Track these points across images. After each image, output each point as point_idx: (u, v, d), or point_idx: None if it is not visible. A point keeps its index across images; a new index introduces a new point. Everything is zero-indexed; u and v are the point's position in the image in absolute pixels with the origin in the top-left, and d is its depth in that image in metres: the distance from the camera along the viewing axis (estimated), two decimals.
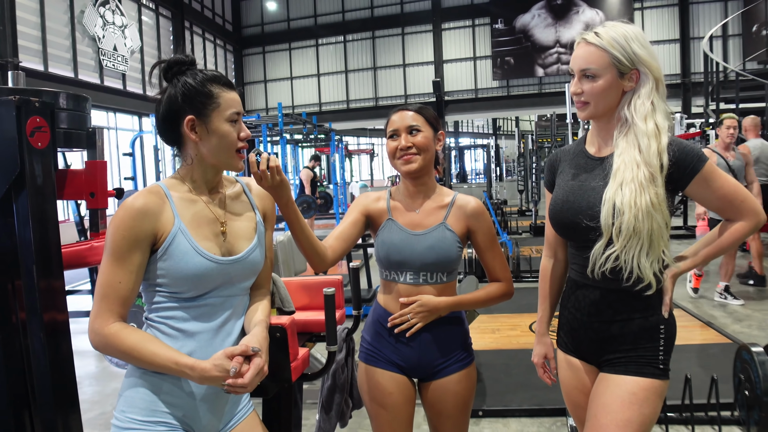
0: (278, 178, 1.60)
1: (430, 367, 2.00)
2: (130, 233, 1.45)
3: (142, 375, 1.50)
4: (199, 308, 1.53)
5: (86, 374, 4.93)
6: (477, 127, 38.00)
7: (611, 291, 1.75)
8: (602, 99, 1.72)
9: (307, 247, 1.81)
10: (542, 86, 23.25)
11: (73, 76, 15.60)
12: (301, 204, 10.67)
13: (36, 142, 1.72)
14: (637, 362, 1.72)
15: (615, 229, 1.64)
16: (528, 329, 5.57)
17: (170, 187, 1.57)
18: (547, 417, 3.72)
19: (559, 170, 1.91)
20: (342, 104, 25.32)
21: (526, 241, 11.48)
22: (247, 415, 1.68)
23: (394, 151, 1.96)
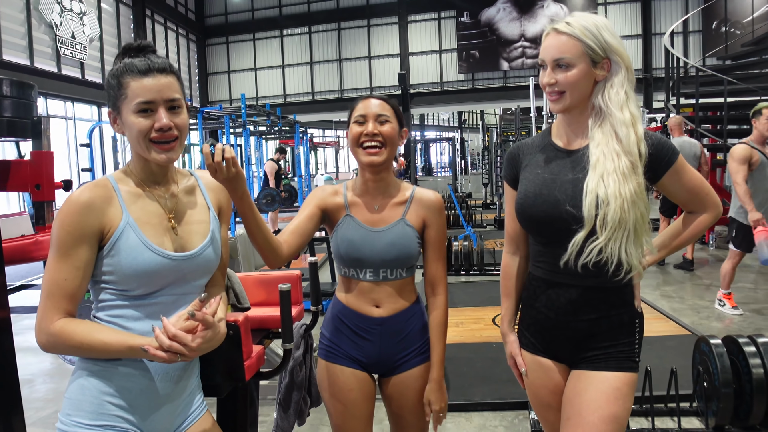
0: (233, 170, 1.50)
1: (390, 362, 1.97)
2: (75, 228, 1.38)
3: (88, 375, 1.43)
4: (149, 307, 1.46)
5: (40, 371, 4.79)
6: (443, 120, 38.13)
7: (589, 288, 1.73)
8: (576, 88, 1.69)
9: (262, 242, 1.73)
10: (507, 80, 23.39)
11: (28, 64, 15.13)
12: (265, 197, 10.52)
13: None
14: (617, 357, 1.73)
15: (599, 220, 1.62)
16: (492, 322, 5.59)
17: (118, 180, 1.49)
18: (510, 411, 3.73)
19: (524, 164, 1.86)
20: (307, 96, 25.12)
21: (490, 234, 11.56)
22: (200, 416, 1.62)
23: (359, 136, 1.89)
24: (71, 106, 16.90)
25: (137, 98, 1.42)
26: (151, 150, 1.45)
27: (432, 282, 2.02)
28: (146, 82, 1.43)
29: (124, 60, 1.47)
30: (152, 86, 1.43)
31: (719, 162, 9.54)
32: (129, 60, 1.46)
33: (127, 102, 1.43)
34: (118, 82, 1.44)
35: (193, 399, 1.61)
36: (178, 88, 1.49)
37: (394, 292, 1.94)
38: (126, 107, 1.43)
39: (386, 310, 1.94)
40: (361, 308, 1.94)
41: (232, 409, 1.86)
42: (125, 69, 1.44)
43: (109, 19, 19.15)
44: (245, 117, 10.19)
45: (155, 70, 1.44)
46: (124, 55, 1.49)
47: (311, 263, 2.16)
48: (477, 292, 6.96)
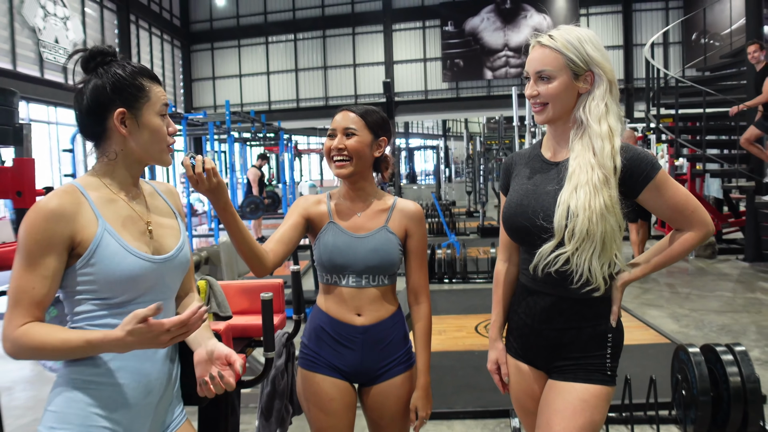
0: (215, 180, 1.53)
1: (372, 371, 1.98)
2: (43, 237, 1.35)
3: (74, 387, 1.41)
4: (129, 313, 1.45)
5: (20, 378, 4.74)
6: (427, 128, 38.24)
7: (563, 299, 1.75)
8: (558, 100, 1.71)
9: (247, 251, 1.75)
10: (491, 89, 23.53)
11: (11, 68, 14.99)
12: (248, 205, 10.50)
13: None
14: (586, 369, 1.74)
15: (568, 231, 1.64)
16: (474, 330, 5.60)
17: (86, 186, 1.46)
18: (492, 419, 3.74)
19: (514, 174, 1.90)
20: (292, 103, 25.10)
21: (473, 242, 11.59)
22: (180, 424, 1.61)
23: (329, 150, 1.95)
24: (54, 111, 16.74)
25: (161, 101, 1.50)
26: (166, 153, 1.53)
27: (415, 290, 2.05)
28: (161, 90, 1.52)
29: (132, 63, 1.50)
30: (163, 92, 1.53)
31: (699, 172, 9.66)
32: (139, 65, 1.51)
33: (151, 105, 1.48)
34: (140, 83, 1.48)
35: (173, 407, 1.61)
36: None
37: (375, 299, 1.96)
38: (149, 109, 1.48)
39: (368, 318, 1.96)
40: (343, 317, 1.95)
41: (214, 417, 1.86)
42: (141, 72, 1.49)
43: (93, 24, 19.03)
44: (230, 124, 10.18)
45: (159, 79, 1.54)
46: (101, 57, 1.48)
47: (294, 272, 2.16)
48: (460, 300, 6.98)
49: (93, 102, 1.46)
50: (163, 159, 1.53)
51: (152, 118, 1.48)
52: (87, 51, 1.49)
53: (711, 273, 8.14)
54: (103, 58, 1.49)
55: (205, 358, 1.47)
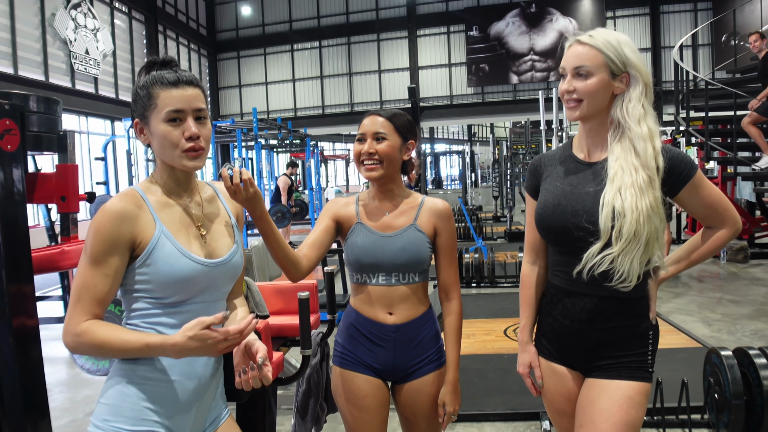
0: (251, 190, 1.57)
1: (404, 369, 2.01)
2: (108, 237, 1.42)
3: (128, 382, 1.46)
4: (183, 314, 1.51)
5: (57, 381, 4.84)
6: (452, 133, 38.20)
7: (604, 299, 1.76)
8: (594, 98, 1.73)
9: (283, 258, 1.80)
10: (516, 93, 23.44)
11: (44, 80, 15.32)
12: (275, 214, 10.60)
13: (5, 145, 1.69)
14: (629, 367, 1.76)
15: (615, 232, 1.66)
16: (503, 334, 5.60)
17: (146, 190, 1.54)
18: (521, 421, 3.74)
19: (544, 175, 1.91)
20: (317, 110, 25.26)
21: (501, 246, 11.56)
22: (224, 420, 1.67)
23: (359, 154, 1.99)
24: (85, 121, 17.08)
25: (167, 107, 1.47)
26: (182, 159, 1.50)
27: (445, 288, 2.08)
28: (175, 93, 1.48)
29: (152, 72, 1.52)
30: (181, 96, 1.48)
31: (730, 175, 9.51)
32: (157, 72, 1.51)
33: (157, 111, 1.48)
34: (147, 92, 1.49)
35: (217, 404, 1.66)
36: (203, 99, 1.54)
37: (406, 297, 1.99)
38: (155, 117, 1.48)
39: (400, 317, 1.99)
40: (376, 316, 1.99)
41: (251, 414, 1.90)
42: (154, 80, 1.49)
43: (122, 35, 19.39)
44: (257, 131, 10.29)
45: (183, 81, 1.50)
46: (149, 68, 1.55)
47: (327, 273, 2.21)
48: (488, 304, 6.98)
49: (131, 114, 1.55)
50: (182, 164, 1.51)
51: (157, 126, 1.48)
52: (144, 64, 1.56)
53: (743, 277, 8.02)
54: (149, 69, 1.55)
55: (242, 348, 1.52)
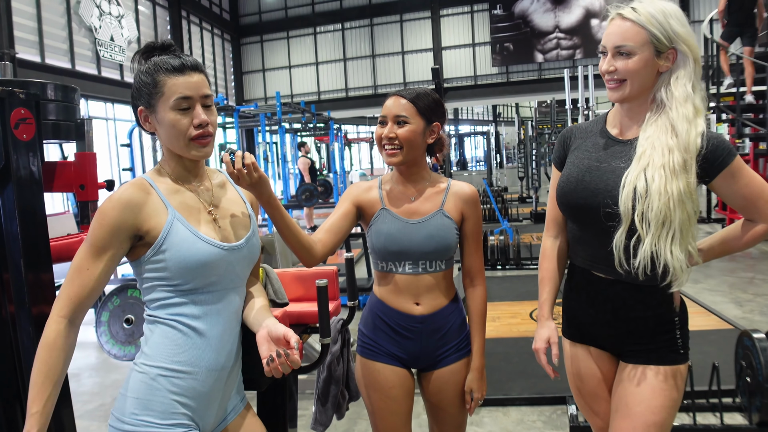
0: (256, 175, 1.52)
1: (431, 358, 1.98)
2: (111, 224, 1.41)
3: (157, 375, 1.45)
4: (204, 302, 1.49)
5: (86, 366, 4.92)
6: (477, 114, 37.90)
7: (625, 286, 1.71)
8: (638, 78, 1.62)
9: (294, 242, 1.75)
10: (542, 72, 23.12)
11: (70, 67, 15.50)
12: (303, 193, 10.62)
13: (21, 134, 1.69)
14: (658, 352, 1.72)
15: (637, 215, 1.58)
16: (528, 317, 5.55)
17: (154, 178, 1.51)
18: (548, 405, 3.71)
19: (573, 147, 1.83)
20: (341, 93, 25.22)
21: (526, 228, 11.46)
22: (242, 408, 1.65)
23: (380, 138, 1.91)
24: (111, 108, 17.25)
25: (176, 94, 1.44)
26: (191, 147, 1.47)
27: (470, 273, 2.03)
28: (182, 80, 1.44)
29: (154, 58, 1.48)
30: (188, 83, 1.45)
31: (762, 152, 9.29)
32: (160, 58, 1.47)
33: (164, 99, 1.44)
34: (153, 80, 1.45)
35: (237, 393, 1.65)
36: (208, 85, 1.50)
37: (433, 286, 1.94)
38: (163, 105, 1.45)
39: (426, 307, 1.94)
40: (402, 306, 1.94)
41: (272, 402, 1.89)
42: (159, 67, 1.45)
43: (147, 22, 19.49)
44: (281, 115, 10.30)
45: (189, 67, 1.46)
46: (148, 53, 1.51)
47: (347, 259, 2.18)
48: (513, 286, 6.92)
49: (132, 102, 1.53)
50: (189, 153, 1.48)
51: (165, 114, 1.45)
52: (142, 50, 1.53)
53: None
54: (150, 54, 1.51)
55: (267, 337, 1.49)
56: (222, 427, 1.60)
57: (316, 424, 2.43)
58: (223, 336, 1.52)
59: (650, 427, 1.66)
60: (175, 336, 1.47)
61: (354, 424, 3.55)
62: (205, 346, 1.48)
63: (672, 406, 1.69)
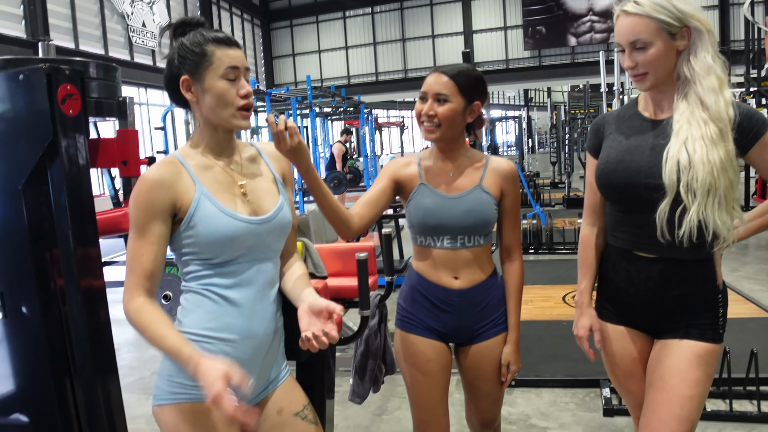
0: (296, 140, 1.56)
1: (469, 332, 1.99)
2: (147, 205, 1.46)
3: (192, 342, 1.48)
4: (234, 273, 1.53)
5: (125, 341, 5.03)
6: (508, 98, 37.54)
7: (668, 263, 1.71)
8: (658, 67, 1.64)
9: (331, 213, 1.78)
10: (575, 56, 22.79)
11: (103, 53, 15.74)
12: (331, 180, 10.67)
13: (67, 110, 1.73)
14: (700, 328, 1.72)
15: (683, 186, 1.59)
16: (561, 301, 5.52)
17: (185, 155, 1.56)
18: (581, 388, 3.70)
19: (607, 132, 1.84)
20: (371, 77, 25.17)
21: (559, 213, 11.37)
22: (285, 378, 1.69)
23: (419, 114, 1.92)
24: (144, 92, 17.47)
25: (225, 64, 1.49)
26: (236, 117, 1.53)
27: (508, 249, 2.04)
28: (230, 52, 1.51)
29: (201, 30, 1.53)
30: (236, 56, 1.52)
31: None
32: (207, 32, 1.53)
33: (214, 68, 1.49)
34: (201, 50, 1.50)
35: (278, 363, 1.68)
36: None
37: (471, 261, 1.95)
38: (211, 73, 1.49)
39: (465, 281, 1.95)
40: (440, 280, 1.95)
41: (311, 373, 1.93)
42: (207, 39, 1.51)
43: (177, 8, 19.64)
44: (311, 98, 10.32)
45: (233, 42, 1.54)
46: (182, 28, 1.56)
47: (385, 235, 2.19)
48: (546, 270, 6.88)
49: (168, 73, 1.55)
50: (233, 123, 1.53)
51: (215, 82, 1.49)
52: (172, 25, 1.58)
53: None
54: (183, 29, 1.56)
55: (308, 311, 1.52)
56: (264, 395, 1.64)
57: (353, 396, 2.46)
58: (255, 305, 1.55)
59: (686, 401, 1.66)
60: (207, 304, 1.52)
61: (387, 401, 3.58)
62: (237, 314, 1.52)
63: (707, 381, 1.70)
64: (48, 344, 1.80)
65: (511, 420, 3.35)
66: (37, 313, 1.77)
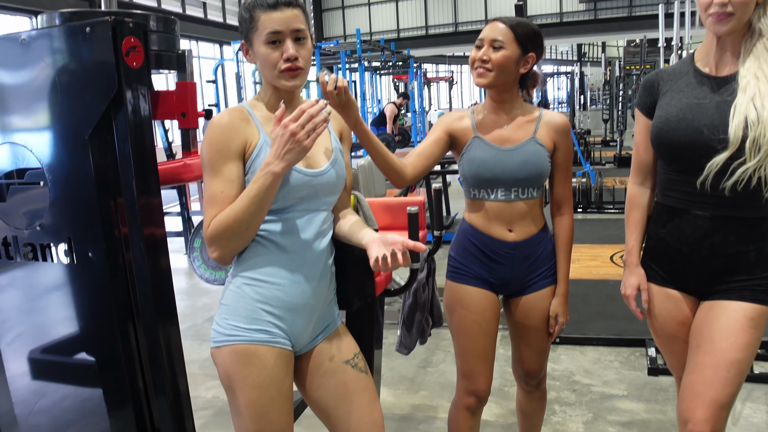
0: (345, 97, 1.63)
1: (520, 284, 2.03)
2: (222, 147, 1.52)
3: (243, 284, 1.58)
4: (287, 221, 1.60)
5: (178, 290, 5.15)
6: (561, 53, 36.51)
7: (724, 220, 1.69)
8: (747, 8, 1.59)
9: (383, 164, 1.84)
10: (632, 9, 21.96)
11: (156, 6, 15.87)
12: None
13: (131, 62, 1.77)
14: (753, 290, 1.70)
15: (749, 142, 1.57)
16: (609, 260, 5.48)
17: (252, 107, 1.63)
18: (626, 347, 3.71)
19: (663, 90, 1.80)
20: (420, 30, 24.77)
21: (609, 172, 11.16)
22: (337, 325, 1.76)
23: (473, 60, 1.93)
24: (195, 45, 17.61)
25: (267, 29, 1.53)
26: (281, 78, 1.57)
27: (559, 202, 2.07)
28: (275, 16, 1.53)
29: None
30: (280, 18, 1.53)
31: None
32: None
33: (258, 34, 1.54)
34: (250, 15, 1.55)
35: (330, 310, 1.74)
36: (303, 20, 1.58)
37: (525, 213, 1.98)
38: (257, 39, 1.55)
39: (519, 234, 1.98)
40: (494, 232, 1.98)
41: (360, 323, 1.98)
42: (256, 3, 1.55)
43: None
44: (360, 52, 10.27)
45: (283, 3, 1.54)
46: None
47: (436, 190, 2.22)
48: (594, 229, 6.81)
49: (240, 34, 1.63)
50: (280, 84, 1.58)
51: (259, 47, 1.55)
52: None
53: None
54: None
55: (378, 241, 1.55)
56: (318, 341, 1.71)
57: (401, 347, 2.53)
58: (305, 252, 1.61)
59: (733, 365, 1.65)
60: (260, 249, 1.59)
61: (432, 354, 3.66)
62: (287, 260, 1.59)
63: (756, 344, 1.69)
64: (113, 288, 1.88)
65: (555, 376, 3.39)
66: (103, 259, 1.84)
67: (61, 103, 1.74)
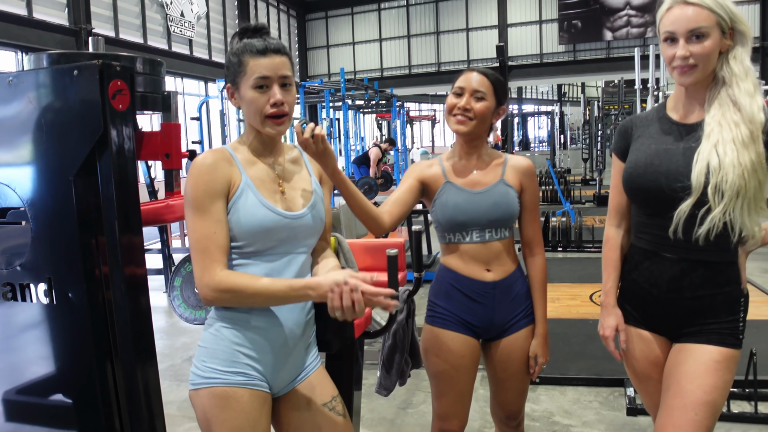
0: (322, 146, 1.65)
1: (500, 326, 2.06)
2: (208, 186, 1.54)
3: (222, 327, 1.60)
4: (267, 264, 1.61)
5: (157, 329, 5.10)
6: (541, 93, 37.15)
7: (692, 263, 1.73)
8: (710, 61, 1.66)
9: (361, 212, 1.87)
10: (610, 51, 22.42)
11: (142, 42, 15.98)
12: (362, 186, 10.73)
13: (117, 105, 1.80)
14: (719, 333, 1.74)
15: (711, 188, 1.61)
16: (588, 299, 5.52)
17: (234, 149, 1.66)
18: (605, 387, 3.71)
19: (636, 135, 1.86)
20: (404, 69, 25.10)
21: (589, 210, 11.28)
22: (316, 368, 1.76)
23: (453, 107, 1.99)
24: (180, 82, 17.70)
25: (255, 74, 1.57)
26: (265, 124, 1.61)
27: (530, 243, 2.12)
28: (263, 61, 1.58)
29: (243, 40, 1.62)
30: (269, 64, 1.58)
31: None
32: (248, 40, 1.61)
33: (246, 78, 1.58)
34: (238, 60, 1.59)
35: (309, 353, 1.75)
36: (290, 67, 1.63)
37: (500, 253, 2.03)
38: (244, 83, 1.59)
39: (497, 273, 2.03)
40: (473, 273, 2.02)
41: (339, 364, 1.99)
42: (245, 48, 1.59)
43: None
44: (344, 91, 10.39)
45: (271, 50, 1.59)
46: (242, 35, 1.64)
47: (416, 232, 2.25)
48: (574, 268, 6.87)
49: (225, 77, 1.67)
50: (265, 131, 1.62)
51: (246, 91, 1.59)
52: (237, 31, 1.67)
53: None
54: (243, 35, 1.64)
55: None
56: (296, 383, 1.71)
57: (380, 389, 2.53)
58: None
59: (701, 407, 1.67)
60: None
61: (412, 395, 3.63)
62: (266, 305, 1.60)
63: (724, 388, 1.71)
64: (92, 329, 1.87)
65: (534, 417, 3.39)
66: (83, 299, 1.83)
67: (47, 144, 1.76)
